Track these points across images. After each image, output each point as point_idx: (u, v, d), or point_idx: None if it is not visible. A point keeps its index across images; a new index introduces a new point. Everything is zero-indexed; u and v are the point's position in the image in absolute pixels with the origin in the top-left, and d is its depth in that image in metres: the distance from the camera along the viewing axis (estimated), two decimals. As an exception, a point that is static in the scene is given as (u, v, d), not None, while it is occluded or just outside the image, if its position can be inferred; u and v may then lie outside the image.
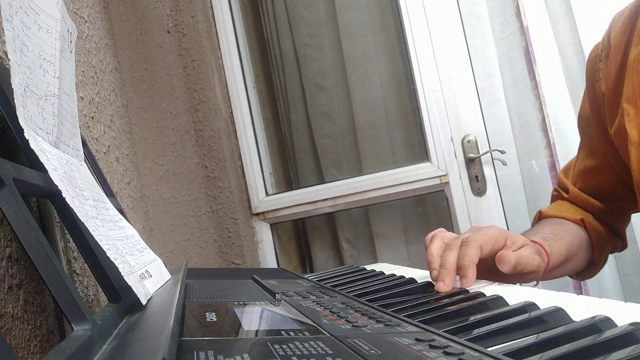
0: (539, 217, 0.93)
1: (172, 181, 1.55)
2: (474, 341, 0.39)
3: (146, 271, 0.56)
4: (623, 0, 0.82)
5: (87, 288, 0.67)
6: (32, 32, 0.46)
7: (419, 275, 0.73)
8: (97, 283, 0.48)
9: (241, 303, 0.52)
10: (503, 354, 0.34)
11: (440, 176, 1.48)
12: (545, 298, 0.50)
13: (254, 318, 0.46)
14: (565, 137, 1.45)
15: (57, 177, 0.43)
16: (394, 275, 0.74)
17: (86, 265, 0.49)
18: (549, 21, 1.46)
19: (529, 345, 0.37)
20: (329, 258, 1.77)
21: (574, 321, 0.43)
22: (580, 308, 0.46)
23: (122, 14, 1.51)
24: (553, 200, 0.97)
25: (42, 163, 0.43)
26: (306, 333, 0.39)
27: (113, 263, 0.44)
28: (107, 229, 0.50)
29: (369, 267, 0.89)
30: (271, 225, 1.65)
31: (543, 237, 0.79)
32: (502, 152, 1.45)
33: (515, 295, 0.53)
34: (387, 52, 1.66)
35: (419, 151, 1.57)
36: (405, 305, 0.54)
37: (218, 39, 1.64)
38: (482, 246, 0.65)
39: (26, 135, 0.41)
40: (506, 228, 1.44)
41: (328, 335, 0.39)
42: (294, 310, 0.50)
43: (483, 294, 0.56)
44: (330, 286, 0.68)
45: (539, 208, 0.96)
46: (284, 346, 0.34)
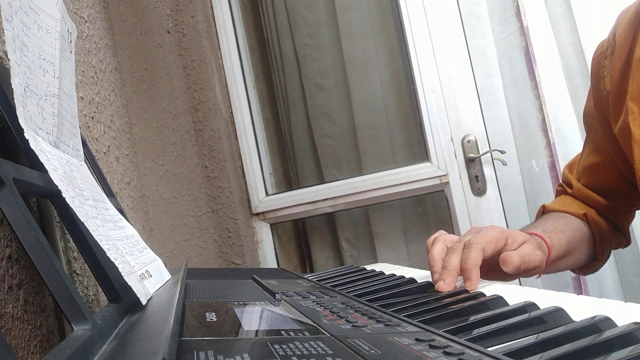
0: (543, 211, 0.93)
1: (172, 181, 1.55)
2: (474, 341, 0.39)
3: (146, 271, 0.56)
4: (623, 0, 0.82)
5: (87, 288, 0.67)
6: (32, 32, 0.46)
7: (419, 275, 0.73)
8: (97, 283, 0.48)
9: (241, 303, 0.52)
10: (503, 354, 0.34)
11: (440, 176, 1.48)
12: (545, 298, 0.50)
13: (254, 318, 0.46)
14: (565, 137, 1.45)
15: (57, 177, 0.43)
16: (394, 275, 0.74)
17: (86, 265, 0.49)
18: (549, 21, 1.46)
19: (529, 345, 0.37)
20: (329, 258, 1.77)
21: (574, 321, 0.43)
22: (580, 308, 0.46)
23: (122, 14, 1.51)
24: (557, 195, 0.97)
25: (42, 163, 0.43)
26: (306, 333, 0.39)
27: (113, 263, 0.44)
28: (107, 229, 0.50)
29: (369, 267, 0.89)
30: (271, 225, 1.65)
31: (543, 230, 0.79)
32: (502, 152, 1.45)
33: (515, 295, 0.53)
34: (387, 52, 1.66)
35: (419, 151, 1.57)
36: (405, 305, 0.54)
37: (218, 39, 1.64)
38: (485, 248, 0.65)
39: (26, 135, 0.41)
40: (506, 228, 1.44)
41: (328, 335, 0.39)
42: (294, 310, 0.50)
43: (483, 294, 0.56)
44: (330, 286, 0.68)
45: (539, 208, 0.96)
46: (284, 346, 0.34)
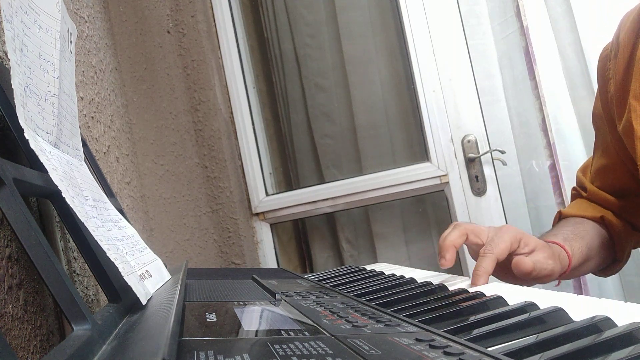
0: (559, 217, 0.94)
1: (172, 181, 1.55)
2: (474, 341, 0.39)
3: (146, 271, 0.56)
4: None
5: (87, 288, 0.67)
6: (32, 32, 0.46)
7: (419, 275, 0.73)
8: (97, 283, 0.48)
9: (241, 303, 0.52)
10: (503, 354, 0.34)
11: (440, 176, 1.48)
12: (545, 298, 0.50)
13: (254, 318, 0.46)
14: (565, 137, 1.45)
15: (57, 177, 0.43)
16: (394, 275, 0.74)
17: (86, 265, 0.49)
18: (549, 21, 1.46)
19: (529, 345, 0.37)
20: (329, 258, 1.77)
21: (574, 321, 0.43)
22: (580, 308, 0.46)
23: (122, 14, 1.51)
24: (572, 199, 0.98)
25: (42, 163, 0.43)
26: (306, 333, 0.39)
27: (113, 263, 0.44)
28: (107, 229, 0.50)
29: (369, 267, 0.89)
30: (271, 225, 1.65)
31: (564, 238, 0.80)
32: (502, 152, 1.45)
33: (515, 295, 0.53)
34: (387, 52, 1.66)
35: (419, 151, 1.57)
36: (405, 305, 0.54)
37: (218, 39, 1.64)
38: (499, 257, 0.69)
39: (26, 135, 0.41)
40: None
41: (328, 335, 0.39)
42: (294, 310, 0.50)
43: (483, 294, 0.56)
44: (330, 286, 0.68)
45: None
46: (284, 346, 0.34)
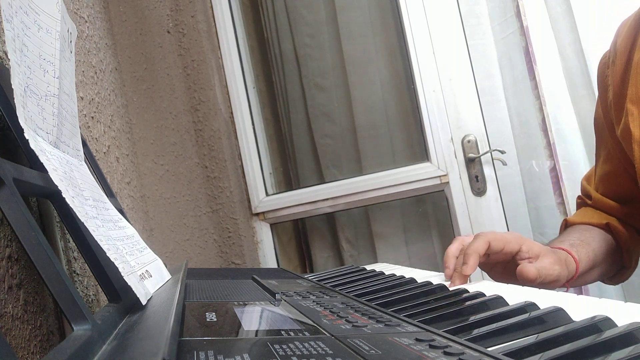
0: (565, 225, 0.94)
1: (172, 181, 1.55)
2: (474, 341, 0.39)
3: (146, 271, 0.56)
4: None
5: (87, 288, 0.67)
6: (32, 32, 0.46)
7: (419, 275, 0.73)
8: (97, 283, 0.48)
9: (241, 303, 0.52)
10: (503, 354, 0.34)
11: (440, 176, 1.48)
12: (545, 298, 0.50)
13: (254, 318, 0.46)
14: (565, 137, 1.45)
15: (57, 177, 0.43)
16: (394, 275, 0.74)
17: (86, 265, 0.49)
18: (549, 21, 1.46)
19: (529, 345, 0.37)
20: (329, 258, 1.77)
21: (574, 321, 0.43)
22: (580, 308, 0.46)
23: (122, 14, 1.51)
24: (578, 207, 0.98)
25: (42, 163, 0.43)
26: (306, 333, 0.39)
27: (113, 263, 0.44)
28: (107, 229, 0.50)
29: (369, 267, 0.89)
30: (271, 225, 1.65)
31: (570, 244, 0.80)
32: (502, 152, 1.45)
33: (515, 295, 0.53)
34: (387, 52, 1.66)
35: (419, 151, 1.57)
36: (405, 305, 0.54)
37: (218, 39, 1.64)
38: (491, 243, 0.69)
39: (26, 135, 0.41)
40: (506, 228, 1.44)
41: (328, 335, 0.39)
42: (294, 310, 0.50)
43: (483, 294, 0.56)
44: (330, 286, 0.68)
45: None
46: (284, 346, 0.34)
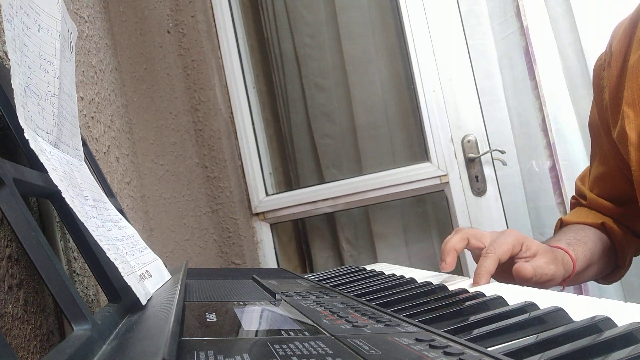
0: (561, 225, 0.95)
1: (172, 181, 1.55)
2: (474, 341, 0.39)
3: (146, 271, 0.56)
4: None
5: (87, 288, 0.67)
6: (32, 32, 0.46)
7: (419, 275, 0.73)
8: (97, 283, 0.48)
9: (241, 303, 0.52)
10: (503, 354, 0.34)
11: (440, 176, 1.48)
12: (545, 298, 0.50)
13: (254, 318, 0.46)
14: (565, 137, 1.45)
15: (57, 177, 0.43)
16: (394, 275, 0.74)
17: (86, 265, 0.49)
18: (549, 21, 1.46)
19: (529, 345, 0.37)
20: (329, 258, 1.77)
21: (574, 321, 0.43)
22: (580, 308, 0.46)
23: (122, 14, 1.51)
24: (572, 207, 0.99)
25: (42, 163, 0.43)
26: (306, 333, 0.39)
27: (113, 263, 0.44)
28: (107, 229, 0.50)
29: (369, 267, 0.89)
30: (271, 225, 1.65)
31: (567, 243, 0.81)
32: (502, 152, 1.45)
33: (515, 295, 0.53)
34: (387, 52, 1.66)
35: (419, 151, 1.57)
36: (405, 305, 0.54)
37: (218, 39, 1.64)
38: (500, 258, 0.70)
39: (26, 135, 0.41)
40: (506, 228, 1.44)
41: (328, 335, 0.39)
42: (294, 310, 0.50)
43: (483, 294, 0.56)
44: (330, 286, 0.68)
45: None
46: (284, 346, 0.34)
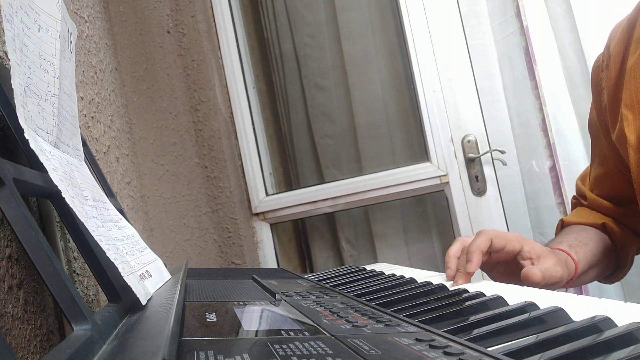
0: (562, 226, 0.95)
1: (172, 181, 1.55)
2: (474, 341, 0.39)
3: (146, 271, 0.56)
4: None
5: (87, 288, 0.67)
6: (32, 32, 0.46)
7: (419, 275, 0.73)
8: (97, 283, 0.48)
9: (241, 303, 0.52)
10: (503, 354, 0.34)
11: (440, 176, 1.48)
12: (545, 298, 0.50)
13: (254, 318, 0.46)
14: (565, 137, 1.45)
15: (57, 177, 0.43)
16: (394, 275, 0.74)
17: (86, 265, 0.49)
18: (549, 21, 1.46)
19: (529, 345, 0.37)
20: (329, 258, 1.77)
21: (574, 321, 0.43)
22: (580, 308, 0.46)
23: (122, 14, 1.51)
24: (573, 207, 0.99)
25: (42, 163, 0.43)
26: (306, 333, 0.39)
27: (113, 263, 0.44)
28: (107, 229, 0.50)
29: (369, 267, 0.89)
30: (271, 225, 1.65)
31: (569, 245, 0.80)
32: (502, 152, 1.45)
33: (515, 295, 0.53)
34: (387, 52, 1.66)
35: (419, 151, 1.57)
36: (405, 305, 0.54)
37: (218, 39, 1.64)
38: (493, 240, 0.69)
39: (26, 135, 0.41)
40: (506, 228, 1.44)
41: (328, 335, 0.39)
42: (294, 310, 0.50)
43: (483, 294, 0.56)
44: (330, 286, 0.68)
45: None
46: (284, 346, 0.34)
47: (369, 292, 0.64)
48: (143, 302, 0.47)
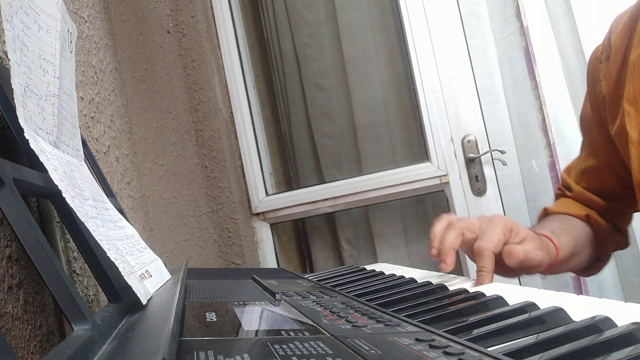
0: (545, 214, 0.94)
1: (172, 181, 1.55)
2: (474, 341, 0.39)
3: (146, 271, 0.56)
4: (623, 0, 0.82)
5: (87, 288, 0.67)
6: (32, 32, 0.46)
7: (419, 275, 0.73)
8: (97, 283, 0.48)
9: (241, 303, 0.52)
10: (503, 354, 0.34)
11: (440, 176, 1.48)
12: (545, 298, 0.50)
13: (254, 318, 0.46)
14: (565, 137, 1.45)
15: (57, 177, 0.43)
16: (394, 275, 0.74)
17: (86, 265, 0.49)
18: (549, 21, 1.46)
19: (529, 345, 0.37)
20: (329, 258, 1.77)
21: (574, 321, 0.43)
22: (580, 308, 0.45)
23: (122, 14, 1.51)
24: (556, 198, 0.98)
25: (42, 163, 0.43)
26: (306, 333, 0.39)
27: (113, 263, 0.44)
28: (107, 229, 0.50)
29: (369, 267, 0.89)
30: (271, 225, 1.65)
31: (551, 231, 0.80)
32: (502, 152, 1.45)
33: (515, 295, 0.53)
34: (387, 52, 1.66)
35: (419, 151, 1.57)
36: (405, 305, 0.54)
37: (218, 39, 1.64)
38: (495, 252, 0.67)
39: (26, 135, 0.41)
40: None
41: (328, 335, 0.39)
42: (294, 310, 0.50)
43: (483, 294, 0.56)
44: (330, 286, 0.68)
45: (539, 208, 0.96)
46: (284, 346, 0.34)
47: (369, 292, 0.64)
48: (143, 302, 0.47)
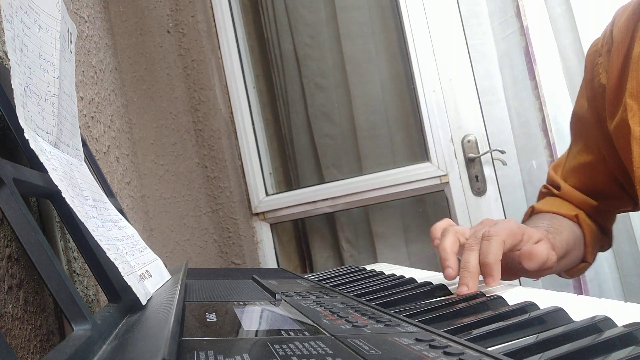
0: (532, 212, 0.92)
1: (172, 181, 1.55)
2: (474, 341, 0.39)
3: (146, 271, 0.56)
4: (623, 1, 0.82)
5: (87, 288, 0.67)
6: (32, 32, 0.46)
7: (419, 275, 0.73)
8: (97, 283, 0.48)
9: (241, 303, 0.52)
10: (503, 354, 0.34)
11: (440, 176, 1.48)
12: (545, 298, 0.50)
13: (254, 318, 0.46)
14: (565, 137, 1.45)
15: (57, 177, 0.43)
16: (394, 275, 0.74)
17: (86, 265, 0.49)
18: (549, 21, 1.46)
19: (529, 345, 0.37)
20: (329, 258, 1.77)
21: (574, 321, 0.43)
22: (580, 308, 0.46)
23: (122, 14, 1.51)
24: (542, 196, 0.95)
25: (42, 163, 0.43)
26: (306, 333, 0.39)
27: (113, 263, 0.44)
28: (107, 229, 0.50)
29: (369, 267, 0.89)
30: (271, 225, 1.65)
31: (546, 230, 0.76)
32: (502, 152, 1.45)
33: (515, 295, 0.53)
34: (387, 52, 1.66)
35: (419, 151, 1.57)
36: (405, 305, 0.54)
37: (218, 39, 1.64)
38: (505, 241, 0.62)
39: (26, 135, 0.41)
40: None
41: (328, 335, 0.39)
42: (294, 310, 0.49)
43: (483, 294, 0.56)
44: (330, 286, 0.68)
45: (528, 209, 0.95)
46: (284, 346, 0.34)
47: (369, 292, 0.64)
48: (143, 302, 0.47)
